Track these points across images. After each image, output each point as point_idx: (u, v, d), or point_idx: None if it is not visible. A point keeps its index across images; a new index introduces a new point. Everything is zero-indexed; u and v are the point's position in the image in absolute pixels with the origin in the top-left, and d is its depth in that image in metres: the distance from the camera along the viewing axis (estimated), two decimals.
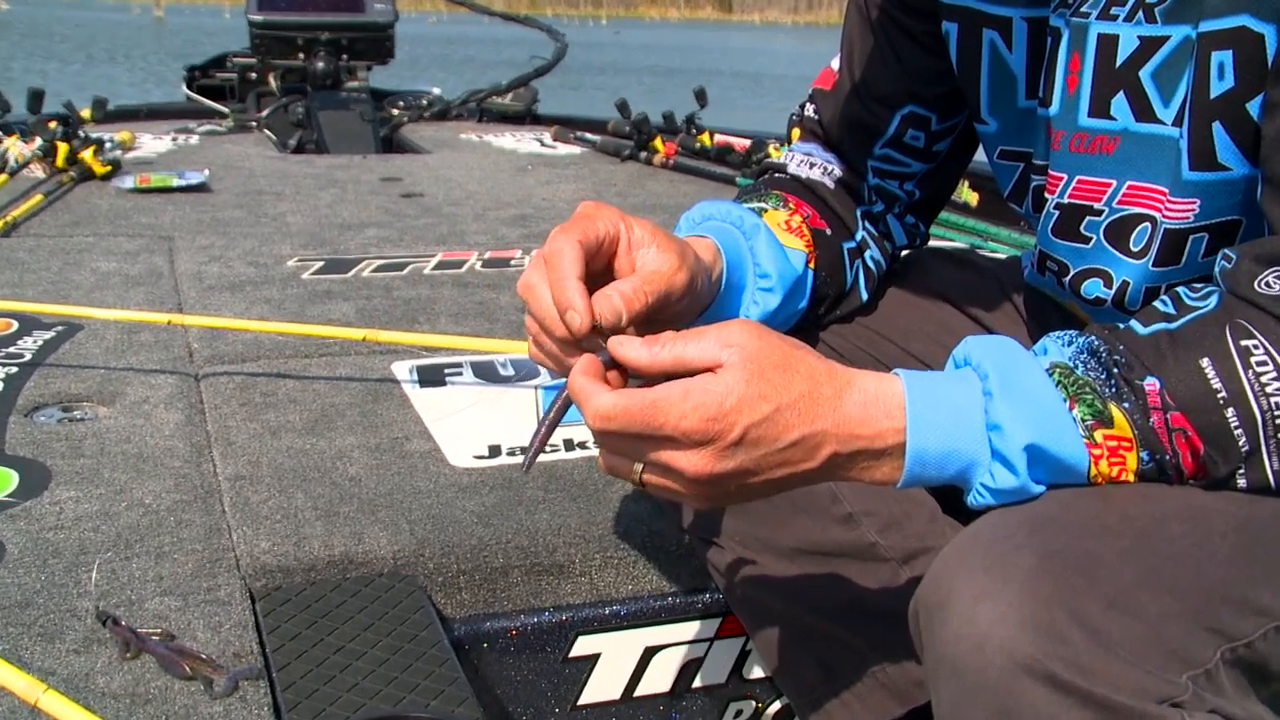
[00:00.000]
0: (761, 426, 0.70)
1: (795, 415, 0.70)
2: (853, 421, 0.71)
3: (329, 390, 1.69)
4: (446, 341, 1.75)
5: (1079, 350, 0.75)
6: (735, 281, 0.94)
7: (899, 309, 1.13)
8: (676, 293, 0.81)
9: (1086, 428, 0.72)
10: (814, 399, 0.71)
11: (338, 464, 1.44)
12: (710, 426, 0.69)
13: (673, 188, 3.46)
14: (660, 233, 0.83)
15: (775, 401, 0.70)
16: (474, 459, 1.47)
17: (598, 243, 0.79)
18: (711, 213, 0.98)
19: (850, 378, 0.72)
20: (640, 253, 0.81)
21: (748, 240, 0.96)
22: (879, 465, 0.73)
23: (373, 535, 1.25)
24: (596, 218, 0.80)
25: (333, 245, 2.61)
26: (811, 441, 0.71)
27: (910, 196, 1.11)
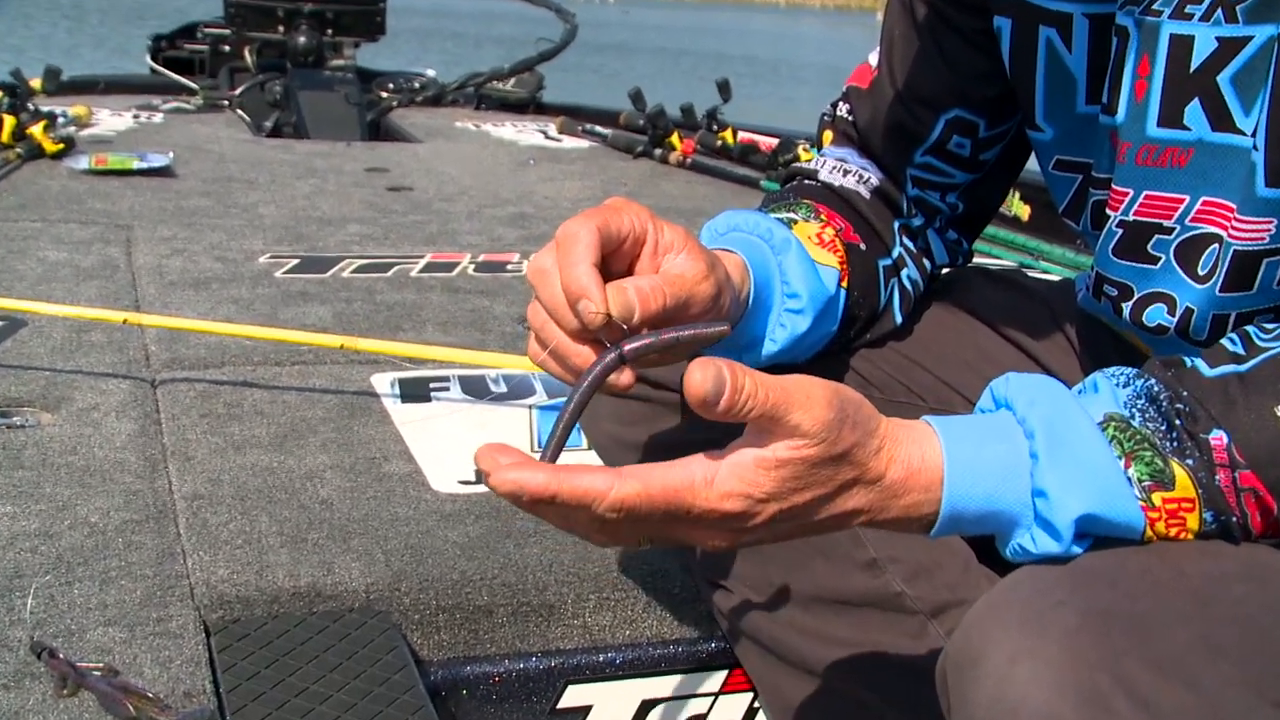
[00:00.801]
0: (792, 511, 0.72)
1: (830, 502, 0.72)
2: (887, 495, 0.73)
3: (300, 403, 1.70)
4: (433, 353, 1.76)
5: (1136, 394, 0.75)
6: (762, 301, 0.95)
7: (935, 333, 1.13)
8: (698, 303, 0.81)
9: (1144, 490, 0.72)
10: (854, 484, 0.72)
11: (307, 485, 1.44)
12: (739, 516, 0.70)
13: (689, 189, 3.48)
14: (694, 241, 0.83)
15: (815, 492, 0.71)
16: (459, 484, 1.47)
17: (619, 237, 0.80)
18: (738, 223, 0.99)
19: (893, 454, 0.73)
20: (667, 258, 0.82)
21: (777, 256, 0.96)
22: (909, 526, 0.75)
23: (343, 565, 1.26)
24: (623, 211, 0.81)
25: (310, 241, 2.63)
26: (842, 519, 0.74)
27: (953, 210, 1.12)
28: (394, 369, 1.83)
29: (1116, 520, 0.72)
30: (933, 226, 1.13)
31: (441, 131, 4.26)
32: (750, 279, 0.93)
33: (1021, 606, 0.71)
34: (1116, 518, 0.72)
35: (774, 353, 0.97)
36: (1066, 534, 0.72)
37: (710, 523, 0.71)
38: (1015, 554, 0.75)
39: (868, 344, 1.12)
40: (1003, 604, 0.72)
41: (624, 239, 0.80)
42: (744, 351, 0.97)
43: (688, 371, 0.67)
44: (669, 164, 3.82)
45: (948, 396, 1.11)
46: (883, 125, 1.09)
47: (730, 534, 0.72)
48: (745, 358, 0.97)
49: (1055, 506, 0.72)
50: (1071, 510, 0.71)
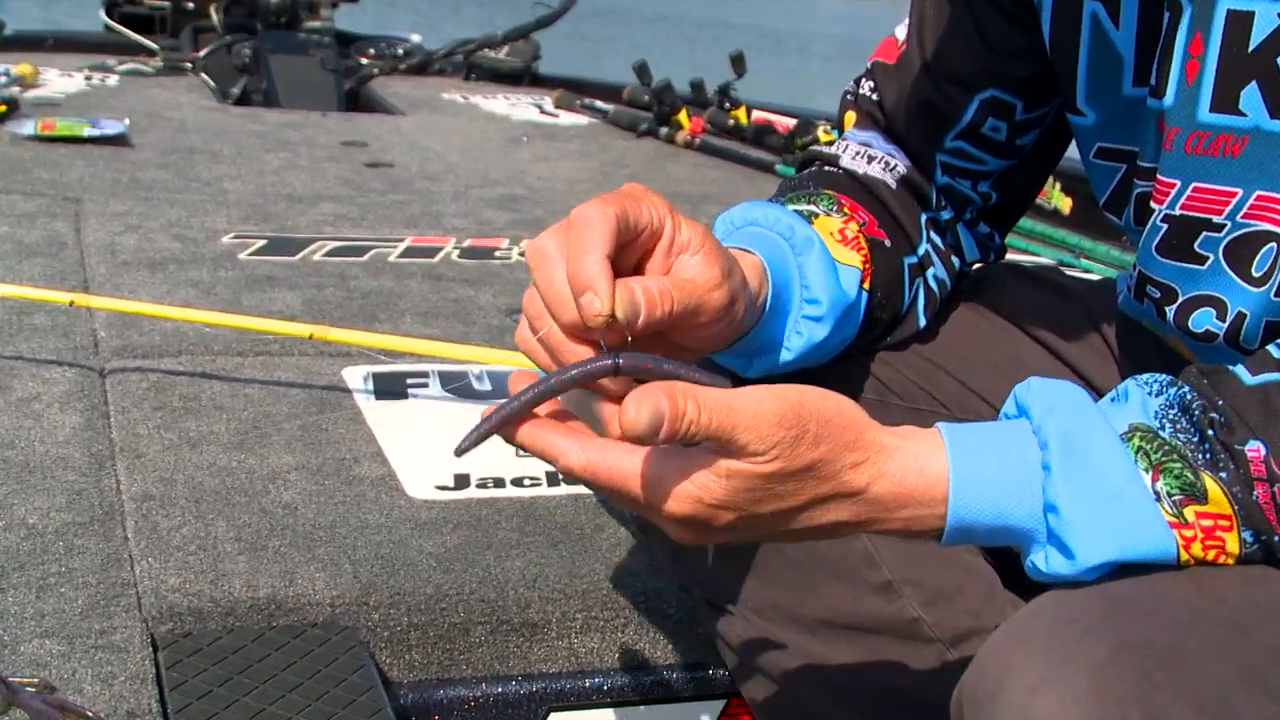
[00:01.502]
0: (755, 519, 0.74)
1: (803, 513, 0.74)
2: (877, 509, 0.74)
3: (264, 397, 1.71)
4: (411, 346, 1.77)
5: (1168, 403, 0.76)
6: (780, 304, 0.95)
7: (962, 336, 1.14)
8: (709, 311, 0.81)
9: (1174, 504, 0.73)
10: (831, 498, 0.74)
11: (269, 487, 1.45)
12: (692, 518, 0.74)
13: (697, 173, 3.48)
14: (712, 241, 0.83)
15: (778, 504, 0.73)
16: (436, 490, 1.48)
17: (636, 229, 0.79)
18: (756, 217, 0.99)
19: (880, 468, 0.74)
20: (681, 258, 0.82)
21: (798, 256, 0.97)
22: (917, 537, 0.76)
23: (307, 576, 1.27)
24: (642, 201, 0.80)
25: (278, 220, 2.64)
26: (827, 529, 0.76)
27: (985, 200, 1.12)
28: (368, 362, 1.84)
29: (1139, 540, 0.73)
30: (963, 220, 1.13)
31: (426, 103, 4.27)
32: (768, 283, 0.93)
33: (1046, 634, 0.71)
34: (1139, 538, 0.73)
35: (789, 361, 0.98)
36: (1080, 551, 0.72)
37: (662, 517, 0.74)
38: (1032, 572, 0.76)
39: (889, 346, 1.12)
40: (1025, 631, 0.72)
41: (640, 231, 0.80)
42: (757, 356, 0.98)
43: (624, 405, 0.70)
44: (675, 144, 3.82)
45: (974, 405, 1.12)
46: (911, 106, 1.09)
47: (690, 531, 0.75)
48: (759, 363, 0.98)
49: (1068, 523, 0.72)
50: (1080, 523, 0.72)
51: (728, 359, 1.00)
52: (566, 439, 0.75)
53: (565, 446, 0.74)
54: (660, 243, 0.81)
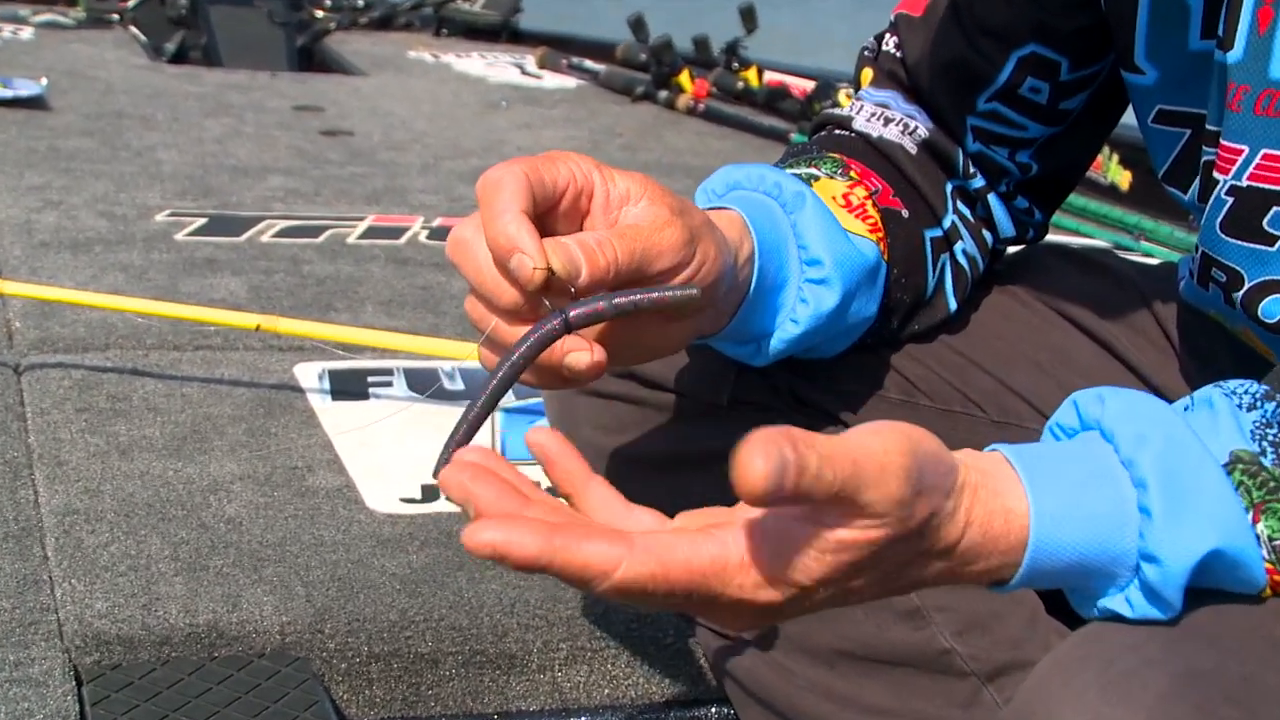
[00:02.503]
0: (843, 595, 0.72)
1: (890, 580, 0.73)
2: (958, 563, 0.73)
3: (205, 397, 1.71)
4: (373, 339, 1.77)
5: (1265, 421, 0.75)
6: (771, 275, 0.94)
7: (999, 327, 1.14)
8: (665, 254, 0.81)
9: (1273, 550, 0.73)
10: (922, 557, 0.72)
11: (211, 499, 1.46)
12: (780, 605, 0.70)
13: (701, 143, 3.49)
14: (655, 186, 0.84)
15: (876, 573, 0.71)
16: (400, 502, 1.49)
17: (555, 189, 0.81)
18: (738, 179, 0.99)
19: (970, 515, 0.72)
20: (624, 210, 0.83)
21: (789, 214, 0.96)
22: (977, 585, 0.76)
23: (254, 600, 1.27)
24: (559, 160, 0.82)
25: (221, 196, 2.64)
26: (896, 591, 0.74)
27: (1024, 171, 1.12)
28: (323, 358, 1.84)
29: (1234, 582, 0.73)
30: (997, 190, 1.13)
31: (391, 62, 4.27)
32: (752, 239, 0.92)
33: (1100, 666, 0.71)
34: (1234, 580, 0.73)
35: (795, 337, 0.97)
36: (1177, 600, 0.72)
37: (740, 610, 0.70)
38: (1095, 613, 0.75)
39: (914, 337, 1.12)
40: (1075, 662, 0.72)
41: (561, 192, 0.81)
42: (763, 338, 0.97)
43: (742, 454, 0.61)
44: (676, 110, 3.83)
45: (1013, 406, 1.12)
46: (939, 62, 1.09)
47: (760, 618, 0.72)
48: (767, 347, 0.97)
49: (1168, 576, 0.71)
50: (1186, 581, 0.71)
51: (729, 347, 1.00)
52: (607, 545, 0.66)
53: (610, 555, 0.66)
54: (595, 201, 0.83)
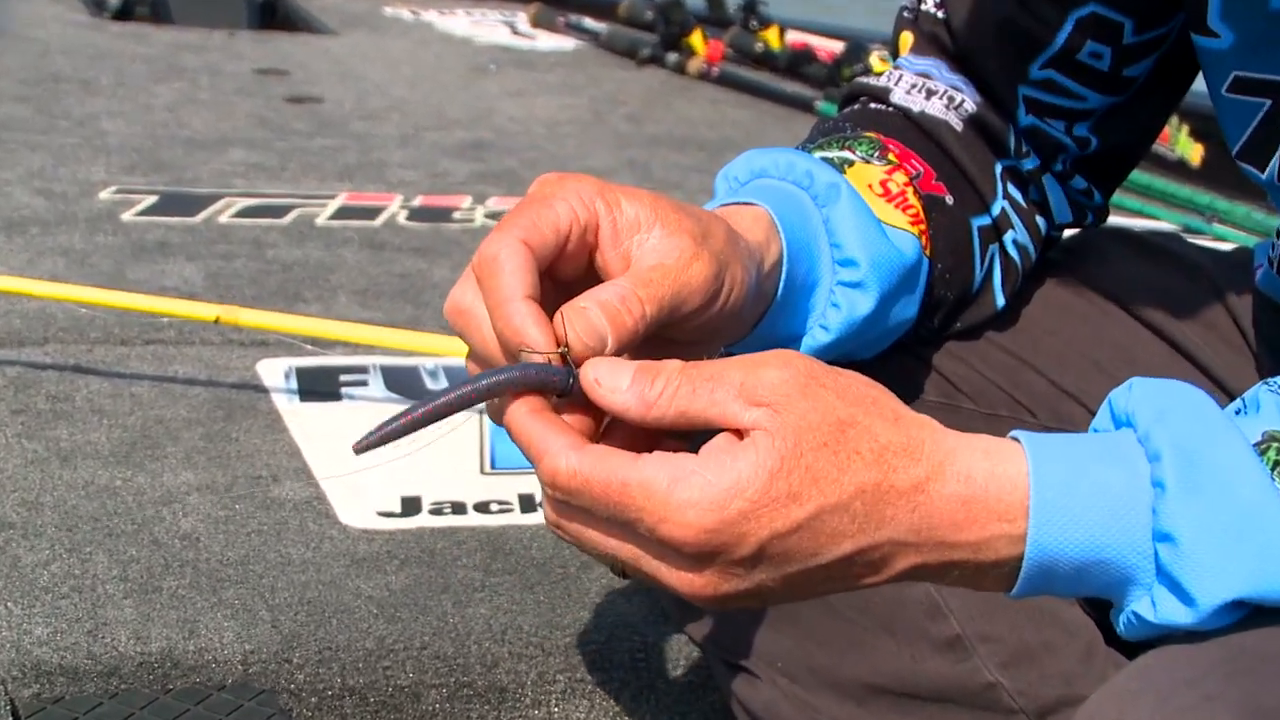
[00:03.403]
0: (791, 538, 0.73)
1: (848, 520, 0.73)
2: (944, 525, 0.74)
3: (157, 397, 1.72)
4: (345, 332, 1.78)
5: None
6: (801, 277, 0.95)
7: (1053, 321, 1.14)
8: (696, 295, 0.82)
9: None
10: (881, 494, 0.73)
11: (164, 513, 1.47)
12: (708, 539, 0.72)
13: (715, 112, 3.49)
14: (665, 205, 0.84)
15: (817, 502, 0.72)
16: (378, 516, 1.50)
17: (558, 242, 0.81)
18: (764, 166, 0.99)
19: (945, 456, 0.74)
20: (636, 239, 0.83)
21: (821, 208, 0.97)
22: (981, 578, 0.76)
23: (213, 625, 1.28)
24: (554, 200, 0.82)
25: (173, 171, 2.64)
26: (876, 554, 0.74)
27: (1082, 147, 1.13)
28: (290, 354, 1.85)
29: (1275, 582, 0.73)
30: (1052, 170, 1.14)
31: (364, 20, 4.28)
32: (780, 240, 0.93)
33: (1155, 702, 0.72)
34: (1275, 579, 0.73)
35: (825, 345, 0.98)
36: (1201, 594, 0.73)
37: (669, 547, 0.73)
38: (1130, 628, 0.76)
39: (958, 334, 1.13)
40: (1128, 697, 0.73)
41: (564, 240, 0.81)
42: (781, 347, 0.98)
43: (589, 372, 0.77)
44: (687, 75, 3.84)
45: (1069, 410, 1.12)
46: (988, 25, 1.10)
47: (711, 577, 0.74)
48: None
49: (1187, 555, 0.72)
50: (1206, 560, 0.72)
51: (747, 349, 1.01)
52: (562, 435, 0.75)
53: (555, 444, 0.74)
54: (602, 233, 0.83)
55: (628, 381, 0.75)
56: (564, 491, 0.74)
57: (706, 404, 0.74)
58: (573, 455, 0.73)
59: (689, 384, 0.74)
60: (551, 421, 0.75)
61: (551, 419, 0.76)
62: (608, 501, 0.73)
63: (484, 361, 0.81)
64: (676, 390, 0.74)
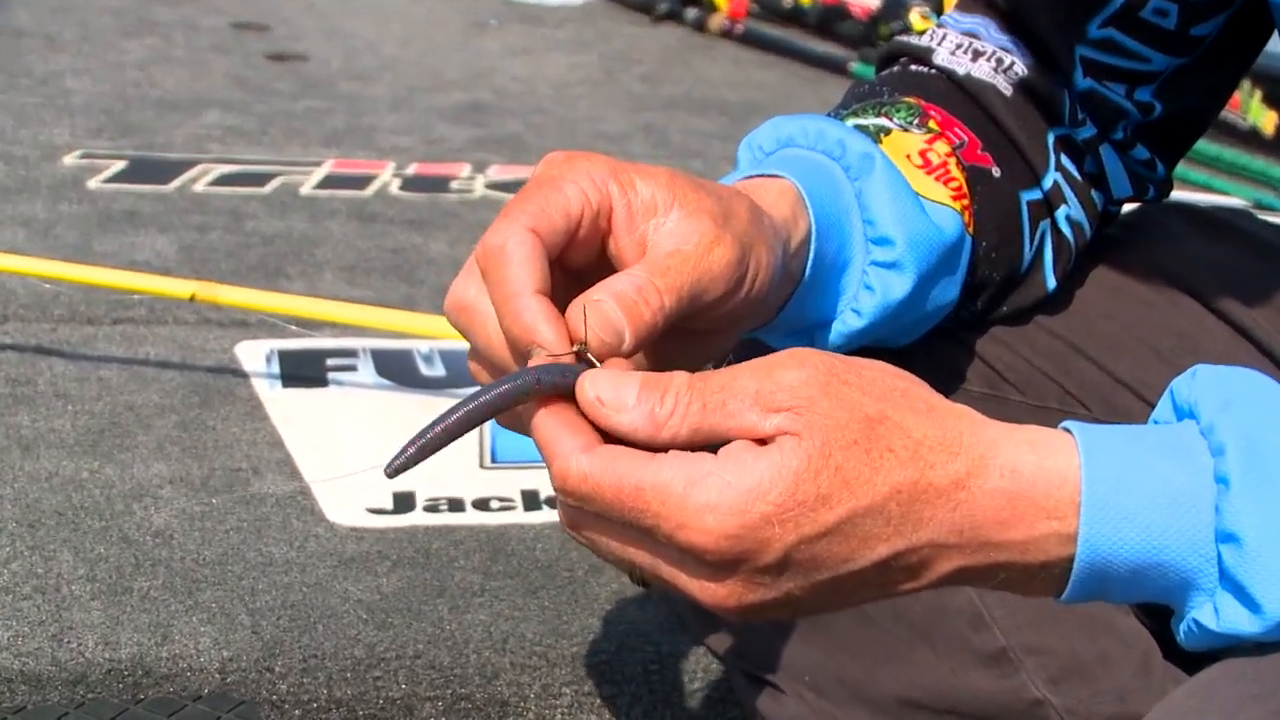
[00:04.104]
0: (820, 543, 0.73)
1: (883, 522, 0.73)
2: (988, 523, 0.74)
3: (126, 382, 1.72)
4: (333, 313, 1.77)
5: None
6: (831, 255, 0.94)
7: (1109, 305, 1.14)
8: (718, 283, 0.82)
9: None
10: (918, 493, 0.73)
11: (134, 508, 1.47)
12: (729, 545, 0.73)
13: (739, 73, 3.48)
14: (684, 185, 0.84)
15: (848, 504, 0.73)
16: (367, 513, 1.50)
17: (569, 229, 0.81)
18: (792, 134, 0.99)
19: (987, 449, 0.74)
20: (653, 223, 0.83)
21: (854, 181, 0.97)
22: (1029, 582, 0.76)
23: (187, 630, 1.28)
24: (564, 183, 0.82)
25: (144, 134, 2.65)
26: (914, 558, 0.74)
27: (1145, 113, 1.13)
28: (272, 335, 1.85)
29: None
30: (1111, 139, 1.14)
31: None
32: (808, 216, 0.93)
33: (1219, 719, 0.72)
34: None
35: (857, 330, 0.98)
36: (1271, 604, 0.73)
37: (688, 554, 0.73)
38: (1190, 637, 0.76)
39: (1004, 319, 1.13)
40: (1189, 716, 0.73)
41: (575, 227, 0.81)
42: (818, 330, 0.98)
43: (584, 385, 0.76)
44: (708, 32, 3.83)
45: (1124, 402, 1.13)
46: None
47: (734, 586, 0.74)
48: (821, 340, 0.98)
49: (1253, 560, 0.72)
50: (1278, 569, 0.72)
51: (777, 339, 1.01)
52: (573, 436, 0.75)
53: (566, 445, 0.74)
54: (615, 219, 0.83)
55: (633, 398, 0.75)
56: (575, 496, 0.74)
57: (721, 417, 0.74)
58: (583, 458, 0.74)
59: (699, 398, 0.74)
60: (566, 420, 0.75)
61: (565, 416, 0.76)
62: (621, 507, 0.73)
63: (488, 362, 0.82)
64: (688, 407, 0.74)
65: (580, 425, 0.75)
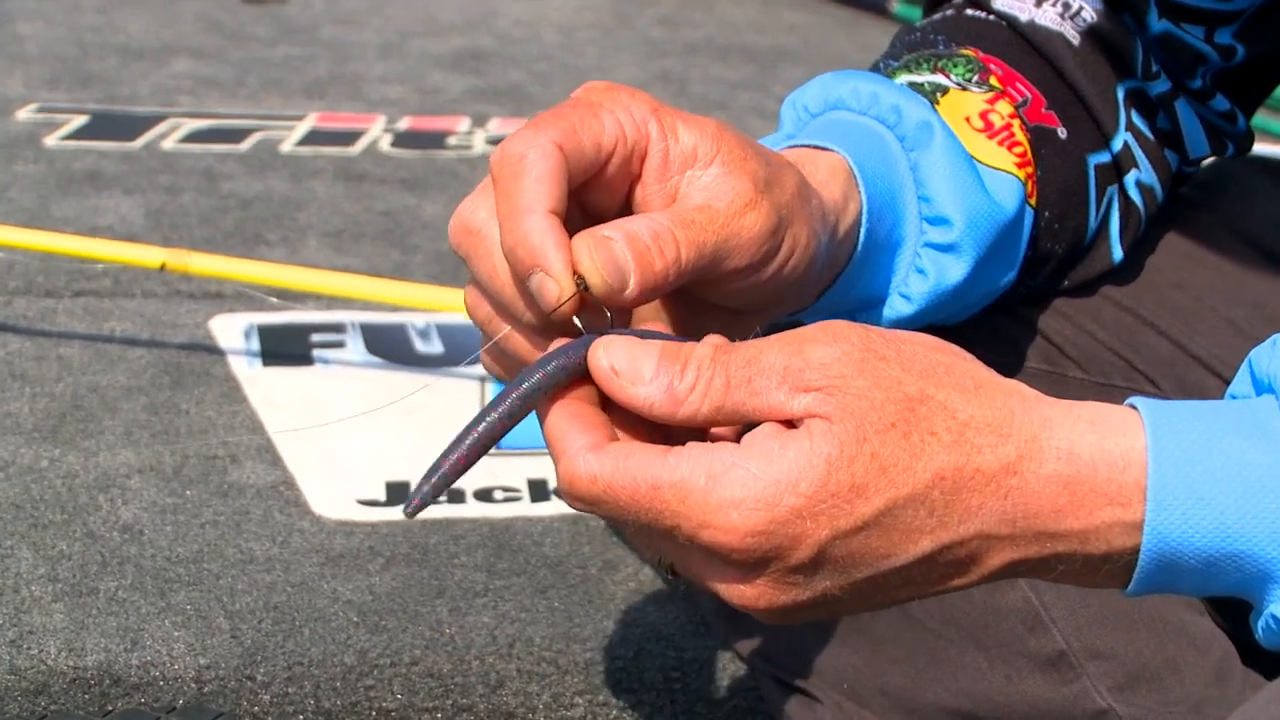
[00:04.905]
0: (857, 538, 0.73)
1: (925, 513, 0.73)
2: (1044, 512, 0.74)
3: (90, 360, 1.73)
4: (318, 282, 1.78)
5: None
6: (882, 235, 0.95)
7: (1181, 272, 1.14)
8: (745, 248, 0.82)
9: None
10: (964, 480, 0.73)
11: (100, 500, 1.48)
12: (756, 542, 0.73)
13: (767, 15, 3.46)
14: (731, 140, 0.84)
15: (887, 494, 0.73)
16: (358, 505, 1.51)
17: (598, 159, 0.80)
18: (842, 96, 1.00)
19: (1040, 429, 0.74)
20: (689, 175, 0.83)
21: (909, 153, 0.98)
22: (1091, 574, 0.76)
23: (160, 635, 1.29)
24: (602, 109, 0.81)
25: (107, 86, 2.65)
26: (962, 551, 0.75)
27: (1226, 56, 1.13)
28: (250, 308, 1.86)
29: None
30: (1187, 90, 1.14)
31: None
32: (859, 197, 0.93)
33: None
34: None
35: (904, 317, 0.98)
36: None
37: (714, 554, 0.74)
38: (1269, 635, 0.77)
39: (1067, 291, 1.13)
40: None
41: (606, 155, 0.81)
42: (860, 313, 0.99)
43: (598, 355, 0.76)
44: None
45: (1197, 379, 1.13)
46: None
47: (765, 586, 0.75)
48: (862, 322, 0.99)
49: None
50: None
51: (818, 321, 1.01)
52: (580, 433, 0.75)
53: (572, 444, 0.75)
54: (649, 164, 0.82)
55: (651, 370, 0.75)
56: (586, 500, 0.74)
57: (745, 395, 0.74)
58: (591, 458, 0.74)
59: (723, 373, 0.74)
60: (573, 414, 0.76)
61: (573, 409, 0.76)
62: (638, 509, 0.73)
63: (489, 295, 0.81)
64: (710, 383, 0.74)
65: (589, 420, 0.75)
